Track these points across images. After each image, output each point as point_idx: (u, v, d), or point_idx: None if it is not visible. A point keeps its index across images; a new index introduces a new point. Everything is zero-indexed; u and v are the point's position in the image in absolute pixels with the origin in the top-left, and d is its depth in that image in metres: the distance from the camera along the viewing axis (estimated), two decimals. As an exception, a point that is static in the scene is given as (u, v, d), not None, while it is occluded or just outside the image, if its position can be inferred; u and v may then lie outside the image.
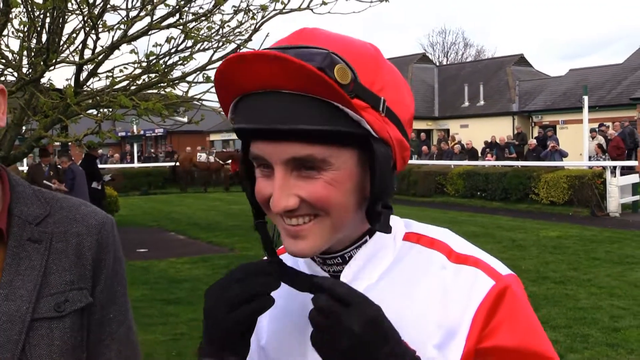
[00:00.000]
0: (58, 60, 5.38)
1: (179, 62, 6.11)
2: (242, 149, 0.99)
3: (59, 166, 12.05)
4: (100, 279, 1.30)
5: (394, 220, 1.05)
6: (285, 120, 0.86)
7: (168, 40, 5.88)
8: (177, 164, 27.32)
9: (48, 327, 1.20)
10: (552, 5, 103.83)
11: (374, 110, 0.91)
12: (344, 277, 0.99)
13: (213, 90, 5.96)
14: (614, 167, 16.37)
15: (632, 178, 16.56)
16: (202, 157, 27.58)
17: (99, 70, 5.80)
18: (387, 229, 0.93)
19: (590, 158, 19.34)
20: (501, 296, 0.94)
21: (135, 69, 6.01)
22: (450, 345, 0.93)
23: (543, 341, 0.95)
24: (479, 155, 24.58)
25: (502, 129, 27.81)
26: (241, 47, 6.18)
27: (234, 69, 0.88)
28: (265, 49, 0.92)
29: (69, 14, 5.56)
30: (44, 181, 11.46)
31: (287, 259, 1.05)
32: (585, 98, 19.51)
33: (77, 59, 5.63)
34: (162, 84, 6.19)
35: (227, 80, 0.90)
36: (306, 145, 0.88)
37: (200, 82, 6.06)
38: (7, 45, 5.42)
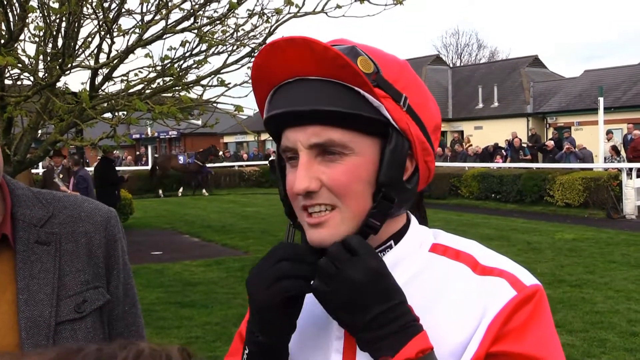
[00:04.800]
0: (74, 64, 5.40)
1: (194, 66, 6.11)
2: (277, 151, 1.03)
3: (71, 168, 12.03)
4: (113, 275, 1.32)
5: (423, 231, 1.06)
6: (307, 103, 0.90)
7: (183, 44, 5.89)
8: (157, 166, 26.06)
9: (71, 329, 1.22)
10: (566, 6, 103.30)
11: (395, 102, 0.93)
12: None
13: (227, 93, 5.91)
14: (630, 169, 16.21)
15: (649, 180, 16.39)
16: (180, 159, 26.55)
17: (114, 74, 5.81)
18: (379, 219, 0.94)
19: (605, 160, 19.17)
20: (520, 305, 0.93)
21: (150, 72, 6.02)
22: (464, 352, 0.93)
23: (553, 352, 0.93)
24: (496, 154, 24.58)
25: (516, 130, 27.65)
26: (255, 51, 6.17)
27: (268, 57, 0.92)
28: None
29: (85, 18, 5.58)
30: (54, 179, 11.38)
31: None
32: (601, 99, 19.37)
33: (92, 63, 5.65)
34: (176, 88, 6.20)
35: (262, 72, 0.95)
36: (327, 129, 0.91)
37: (215, 86, 6.05)
38: (23, 50, 5.45)
